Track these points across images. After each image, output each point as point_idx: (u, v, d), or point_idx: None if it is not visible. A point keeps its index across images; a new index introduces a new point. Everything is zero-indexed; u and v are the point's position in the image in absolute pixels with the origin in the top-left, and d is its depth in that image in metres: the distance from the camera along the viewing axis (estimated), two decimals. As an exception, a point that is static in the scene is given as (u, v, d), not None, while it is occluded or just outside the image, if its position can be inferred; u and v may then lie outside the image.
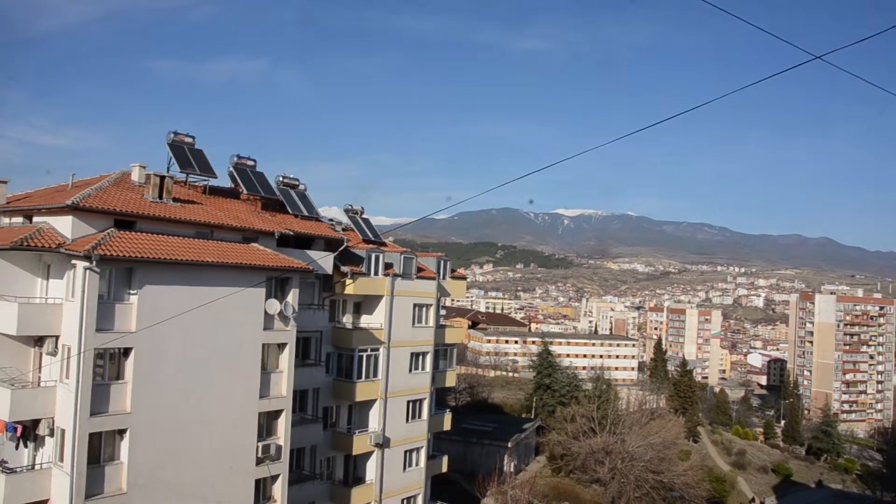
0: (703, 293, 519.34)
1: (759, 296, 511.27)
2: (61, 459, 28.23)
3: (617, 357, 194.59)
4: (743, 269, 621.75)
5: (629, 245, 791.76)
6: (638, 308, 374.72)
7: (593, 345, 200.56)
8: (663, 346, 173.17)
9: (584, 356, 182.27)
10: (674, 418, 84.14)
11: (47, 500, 28.58)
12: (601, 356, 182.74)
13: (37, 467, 29.15)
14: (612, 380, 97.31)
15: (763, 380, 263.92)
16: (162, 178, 33.65)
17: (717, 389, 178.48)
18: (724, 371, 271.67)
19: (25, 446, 29.82)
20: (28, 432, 29.22)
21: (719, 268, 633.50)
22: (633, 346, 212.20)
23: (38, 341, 30.01)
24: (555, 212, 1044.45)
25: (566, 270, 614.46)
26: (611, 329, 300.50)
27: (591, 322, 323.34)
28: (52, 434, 28.83)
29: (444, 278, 49.18)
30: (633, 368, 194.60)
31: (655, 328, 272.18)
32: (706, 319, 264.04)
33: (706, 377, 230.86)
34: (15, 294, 29.31)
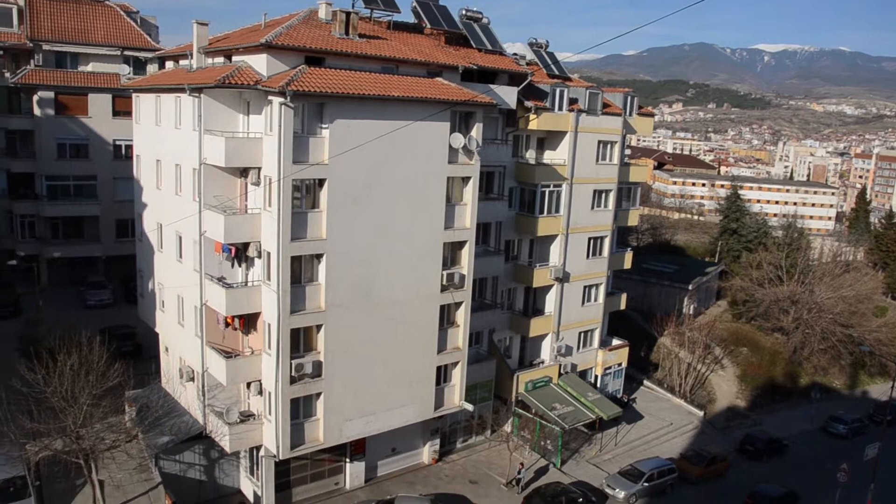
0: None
1: None
2: (269, 278, 31.22)
3: (812, 205, 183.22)
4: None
5: (838, 84, 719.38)
6: (842, 154, 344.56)
7: (787, 191, 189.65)
8: (868, 196, 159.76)
9: (777, 203, 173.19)
10: (872, 272, 78.69)
11: (259, 313, 32.04)
12: (795, 203, 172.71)
13: (249, 284, 32.45)
14: (806, 229, 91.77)
15: None
16: (348, 14, 34.08)
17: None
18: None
19: (239, 266, 33.13)
20: (240, 254, 32.43)
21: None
22: (833, 194, 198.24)
23: (243, 172, 32.47)
24: (754, 47, 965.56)
25: (763, 111, 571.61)
26: (808, 175, 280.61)
27: (786, 167, 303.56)
28: (259, 256, 31.76)
29: (630, 115, 47.37)
30: (829, 218, 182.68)
31: (860, 176, 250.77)
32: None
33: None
34: (221, 129, 31.59)
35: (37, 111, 55.76)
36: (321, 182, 30.83)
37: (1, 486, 30.65)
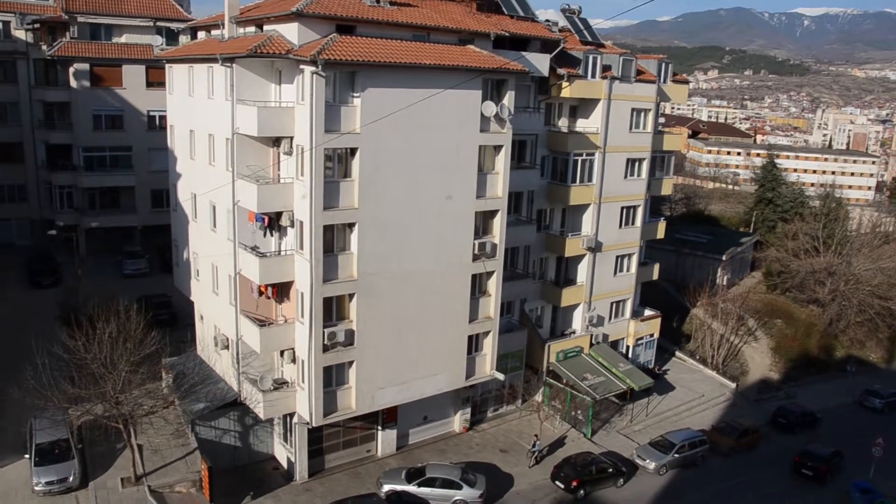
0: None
1: None
2: (301, 247, 31.46)
3: (852, 174, 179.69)
4: None
5: (882, 49, 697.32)
6: (884, 121, 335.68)
7: (825, 160, 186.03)
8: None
9: (814, 172, 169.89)
10: (913, 244, 76.84)
11: (292, 282, 32.34)
12: (833, 172, 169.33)
13: (282, 253, 32.74)
14: (844, 199, 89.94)
15: None
16: (377, -20, 33.78)
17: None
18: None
19: (272, 235, 33.38)
20: (273, 223, 32.60)
21: None
22: (873, 163, 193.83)
23: (276, 142, 32.54)
24: (794, 11, 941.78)
25: (801, 78, 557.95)
26: (848, 144, 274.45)
27: (825, 135, 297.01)
28: (292, 225, 31.97)
29: (664, 82, 46.59)
30: (869, 188, 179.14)
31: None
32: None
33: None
34: (253, 99, 31.65)
35: (73, 83, 56.48)
36: (353, 151, 30.85)
37: (46, 448, 31.67)
